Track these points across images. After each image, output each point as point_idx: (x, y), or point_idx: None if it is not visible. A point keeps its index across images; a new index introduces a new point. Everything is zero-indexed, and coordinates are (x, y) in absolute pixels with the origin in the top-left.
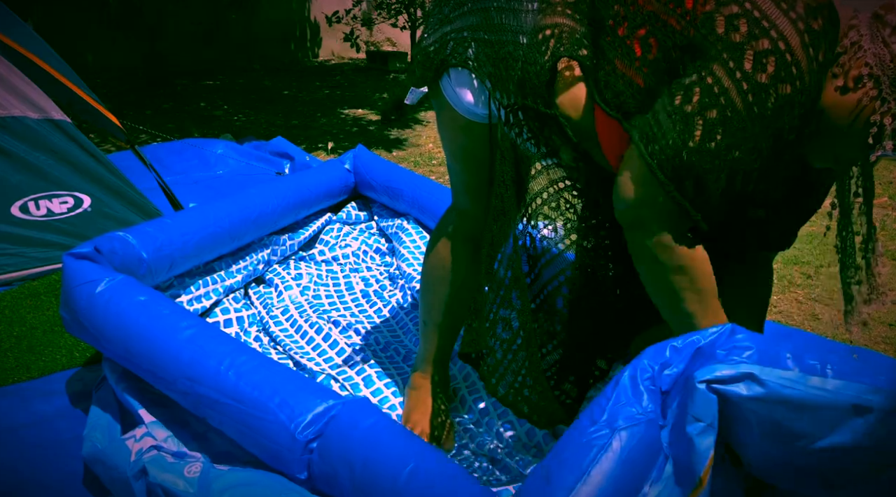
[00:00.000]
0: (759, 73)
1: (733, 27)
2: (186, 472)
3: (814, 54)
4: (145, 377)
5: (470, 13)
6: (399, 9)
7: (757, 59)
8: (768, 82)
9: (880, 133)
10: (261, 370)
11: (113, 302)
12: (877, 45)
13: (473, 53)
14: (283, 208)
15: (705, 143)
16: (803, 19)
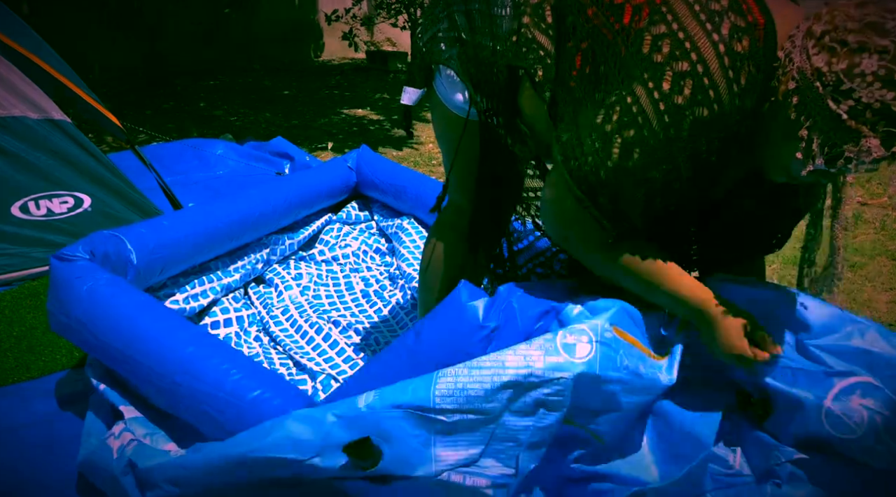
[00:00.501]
0: (676, 95)
1: (657, 47)
2: (173, 452)
3: (734, 77)
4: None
5: (457, 14)
6: (399, 9)
7: (675, 80)
8: (684, 104)
9: (808, 148)
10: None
11: (109, 299)
12: (802, 58)
13: (456, 54)
14: (285, 207)
15: (623, 162)
16: (725, 41)
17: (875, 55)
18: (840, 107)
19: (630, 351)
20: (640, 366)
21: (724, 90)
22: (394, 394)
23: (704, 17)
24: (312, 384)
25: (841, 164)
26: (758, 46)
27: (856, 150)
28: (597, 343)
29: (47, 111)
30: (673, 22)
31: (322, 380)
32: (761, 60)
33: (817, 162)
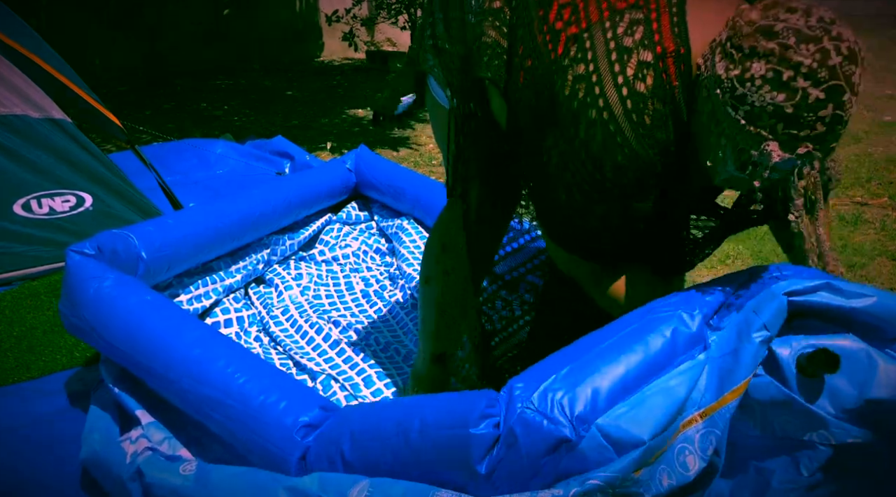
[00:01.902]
0: (592, 143)
1: (575, 92)
2: (182, 471)
3: (637, 120)
4: (147, 376)
5: (438, 22)
6: (399, 9)
7: (587, 128)
8: (598, 152)
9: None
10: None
11: (121, 298)
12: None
13: (438, 62)
14: (284, 207)
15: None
16: (629, 84)
17: (763, 59)
18: (738, 113)
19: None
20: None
21: (629, 134)
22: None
23: (615, 57)
24: (312, 384)
25: (749, 171)
26: (662, 79)
27: (758, 154)
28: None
29: (47, 110)
30: (591, 62)
31: (322, 380)
32: (666, 92)
33: (728, 168)
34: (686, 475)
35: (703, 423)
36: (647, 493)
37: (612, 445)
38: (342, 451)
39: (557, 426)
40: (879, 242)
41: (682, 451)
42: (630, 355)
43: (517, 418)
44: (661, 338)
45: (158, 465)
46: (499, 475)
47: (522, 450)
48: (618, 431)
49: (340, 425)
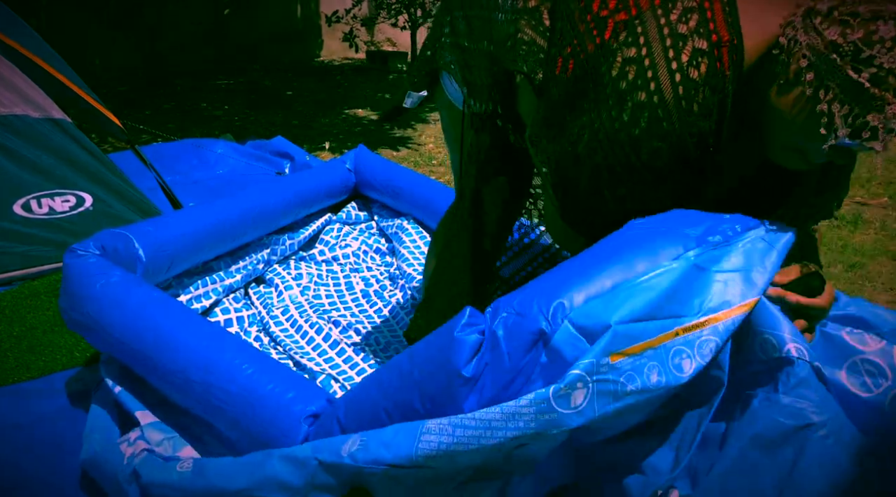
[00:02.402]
0: (633, 127)
1: (624, 73)
2: (179, 468)
3: (686, 106)
4: (150, 371)
5: (458, 20)
6: (399, 9)
7: (633, 111)
8: (640, 135)
9: (830, 121)
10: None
11: (128, 295)
12: (810, 35)
13: (455, 59)
14: (284, 207)
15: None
16: (683, 70)
17: (891, 21)
18: (861, 75)
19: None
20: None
21: (676, 120)
22: (377, 447)
23: (669, 43)
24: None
25: (867, 134)
26: (717, 68)
27: (881, 117)
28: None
29: (47, 110)
30: (644, 46)
31: (322, 380)
32: (718, 81)
33: (840, 134)
34: (679, 376)
35: (705, 330)
36: (629, 383)
37: (583, 335)
38: (338, 418)
39: (534, 321)
40: (879, 242)
41: (679, 354)
42: (612, 265)
43: (499, 321)
44: (645, 250)
45: (155, 465)
46: (483, 380)
47: (504, 349)
48: (586, 319)
49: (336, 403)
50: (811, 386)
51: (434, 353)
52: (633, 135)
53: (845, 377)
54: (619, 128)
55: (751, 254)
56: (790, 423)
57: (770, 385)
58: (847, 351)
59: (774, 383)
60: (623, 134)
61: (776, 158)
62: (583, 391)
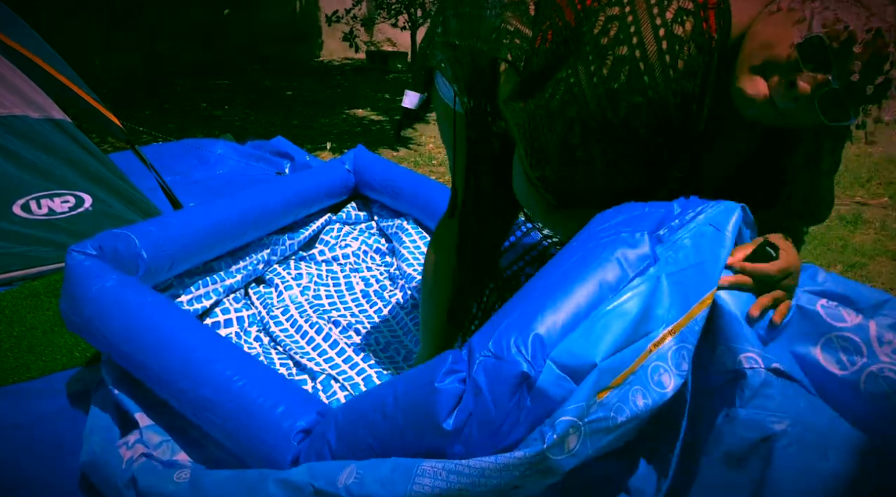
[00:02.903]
0: (612, 82)
1: (605, 30)
2: (176, 478)
3: (670, 62)
4: (147, 377)
5: (452, 17)
6: (399, 9)
7: (613, 65)
8: (620, 89)
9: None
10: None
11: (122, 298)
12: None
13: (447, 58)
14: (283, 207)
15: (566, 138)
16: (667, 25)
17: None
18: None
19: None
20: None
21: (658, 75)
22: (372, 483)
23: (654, 1)
24: (312, 384)
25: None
26: (702, 28)
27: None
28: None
29: (47, 111)
30: (627, 4)
31: (322, 380)
32: (704, 41)
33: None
34: (663, 393)
35: (673, 339)
36: (619, 415)
37: (568, 375)
38: (329, 442)
39: (515, 364)
40: (879, 242)
41: (657, 370)
42: (579, 285)
43: (477, 367)
44: (608, 263)
45: (153, 471)
46: (469, 430)
47: (488, 396)
48: (570, 358)
49: (327, 421)
50: (768, 393)
51: (416, 400)
52: (612, 89)
53: (820, 354)
54: (598, 82)
55: (700, 244)
56: (752, 435)
57: (730, 399)
58: (822, 327)
59: (733, 397)
60: (601, 88)
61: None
62: (575, 435)
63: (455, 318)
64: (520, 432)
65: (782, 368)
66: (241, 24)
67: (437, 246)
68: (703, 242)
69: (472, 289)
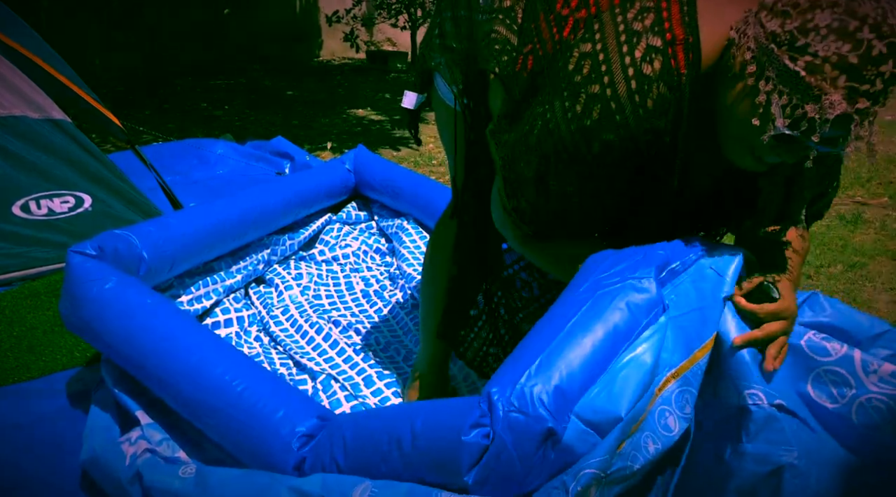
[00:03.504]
0: (585, 118)
1: (579, 67)
2: (181, 473)
3: (640, 101)
4: (146, 379)
5: (446, 21)
6: (399, 9)
7: (587, 103)
8: (592, 126)
9: (767, 111)
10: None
11: (121, 300)
12: (755, 28)
13: (444, 61)
14: (284, 207)
15: (541, 172)
16: (636, 65)
17: (827, 9)
18: (797, 63)
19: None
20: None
21: (629, 114)
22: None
23: (624, 38)
24: (312, 384)
25: (805, 126)
26: (671, 65)
27: (818, 108)
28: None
29: (47, 111)
30: (599, 42)
31: (322, 380)
32: (673, 79)
33: (777, 124)
34: (671, 436)
35: (676, 382)
36: (635, 463)
37: (593, 429)
38: (336, 459)
39: (541, 420)
40: (879, 242)
41: (663, 414)
42: (594, 335)
43: (503, 423)
44: (619, 311)
45: (158, 467)
46: (490, 482)
47: (514, 453)
48: (595, 414)
49: (333, 434)
50: (775, 428)
51: (437, 446)
52: (585, 125)
53: (812, 391)
54: (572, 118)
55: (702, 289)
56: (762, 469)
57: (734, 434)
58: (810, 362)
59: (738, 433)
60: (574, 124)
61: (731, 156)
62: (596, 487)
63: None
64: (539, 480)
65: (786, 405)
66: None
67: (436, 245)
68: (705, 286)
69: (471, 289)
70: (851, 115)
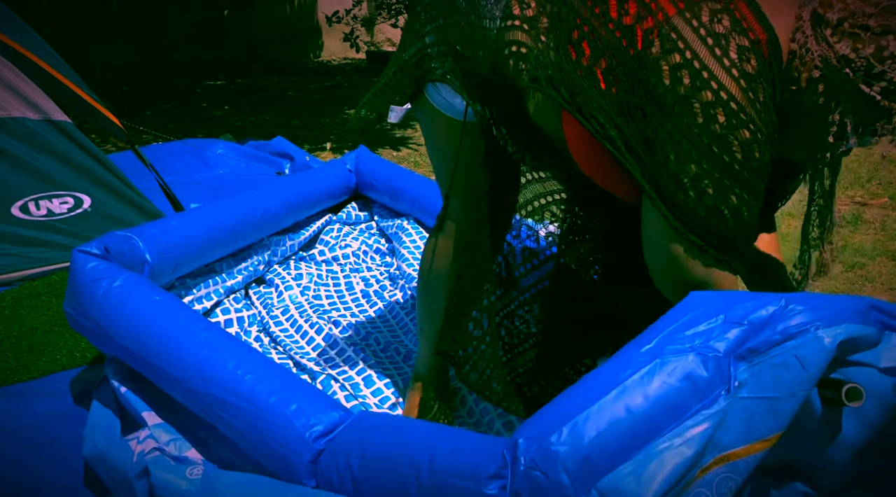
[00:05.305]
0: (713, 125)
1: (677, 79)
2: (189, 474)
3: (755, 96)
4: (156, 377)
5: (446, 27)
6: (399, 9)
7: (705, 111)
8: (723, 132)
9: (841, 131)
10: (277, 377)
11: (130, 299)
12: (822, 46)
13: (450, 67)
14: (285, 208)
15: (701, 199)
16: (737, 65)
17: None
18: (873, 89)
19: None
20: None
21: (751, 110)
22: None
23: (712, 42)
24: (312, 384)
25: (876, 140)
26: (764, 63)
27: (890, 127)
28: None
29: (47, 112)
30: (686, 50)
31: (322, 380)
32: (771, 75)
33: (851, 142)
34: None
35: (724, 467)
36: None
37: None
38: (351, 466)
39: (560, 487)
40: (879, 242)
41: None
42: (640, 406)
43: (522, 479)
44: (676, 385)
45: (166, 466)
46: None
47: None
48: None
49: (352, 437)
50: None
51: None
52: (716, 133)
53: None
54: (699, 132)
55: (780, 377)
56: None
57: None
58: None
59: None
60: (706, 137)
61: (786, 152)
62: None
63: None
64: None
65: None
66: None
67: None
68: (785, 376)
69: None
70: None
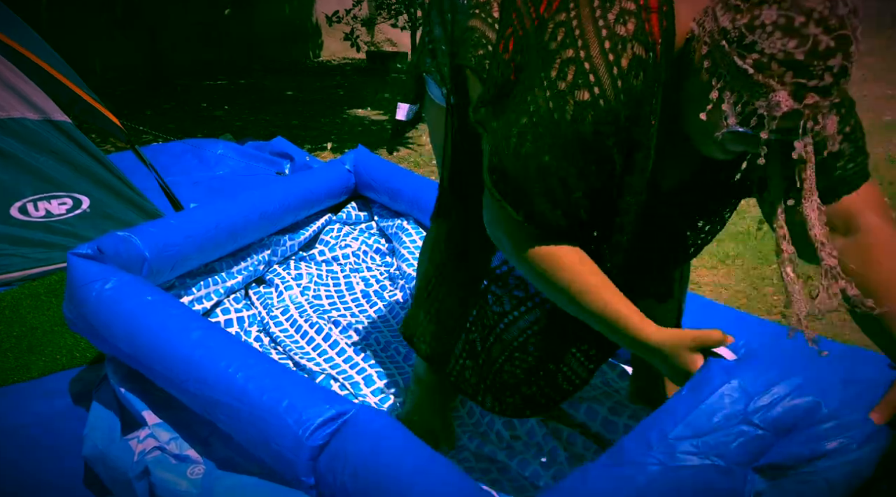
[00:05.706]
0: (560, 81)
1: (554, 36)
2: (189, 474)
3: (614, 60)
4: (153, 377)
5: (439, 24)
6: (399, 9)
7: (561, 67)
8: (566, 90)
9: (718, 108)
10: (269, 374)
11: (122, 301)
12: (710, 21)
13: (433, 63)
14: (284, 208)
15: (518, 149)
16: (609, 26)
17: (774, 5)
18: (745, 61)
19: None
20: None
21: (603, 73)
22: None
23: (598, 4)
24: (305, 378)
25: (754, 122)
26: (644, 28)
27: (766, 104)
28: None
29: (47, 112)
30: (573, 9)
31: (322, 380)
32: (648, 43)
33: (729, 122)
34: None
35: None
36: None
37: None
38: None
39: None
40: None
41: None
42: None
43: None
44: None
45: (166, 465)
46: None
47: None
48: None
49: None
50: None
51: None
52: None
53: None
54: (547, 86)
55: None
56: None
57: None
58: None
59: None
60: (551, 90)
61: (698, 145)
62: None
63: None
64: None
65: None
66: (242, 24)
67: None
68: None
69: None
70: (801, 110)
